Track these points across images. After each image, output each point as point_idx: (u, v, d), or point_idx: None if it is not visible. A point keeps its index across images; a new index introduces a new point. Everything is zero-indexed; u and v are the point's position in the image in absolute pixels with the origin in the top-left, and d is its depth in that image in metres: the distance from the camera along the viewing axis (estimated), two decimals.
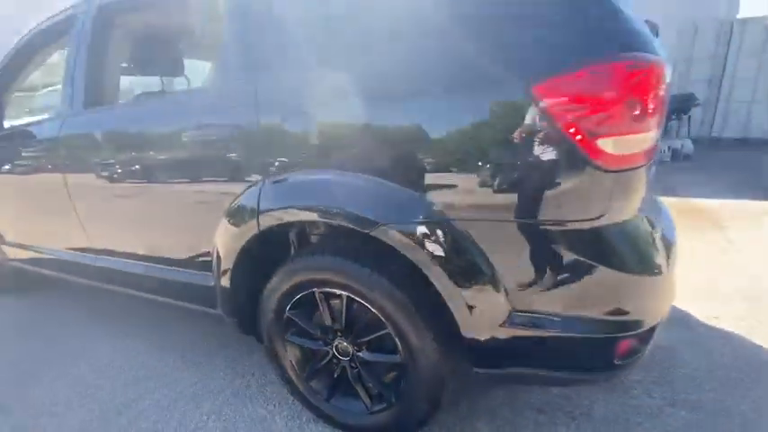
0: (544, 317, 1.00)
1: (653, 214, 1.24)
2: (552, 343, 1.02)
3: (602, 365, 1.05)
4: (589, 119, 0.85)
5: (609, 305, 0.98)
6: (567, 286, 0.97)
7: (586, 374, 1.08)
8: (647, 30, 1.03)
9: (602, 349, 1.02)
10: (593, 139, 0.86)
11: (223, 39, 1.37)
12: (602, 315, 0.98)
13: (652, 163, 1.04)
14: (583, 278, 0.96)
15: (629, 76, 0.84)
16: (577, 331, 0.99)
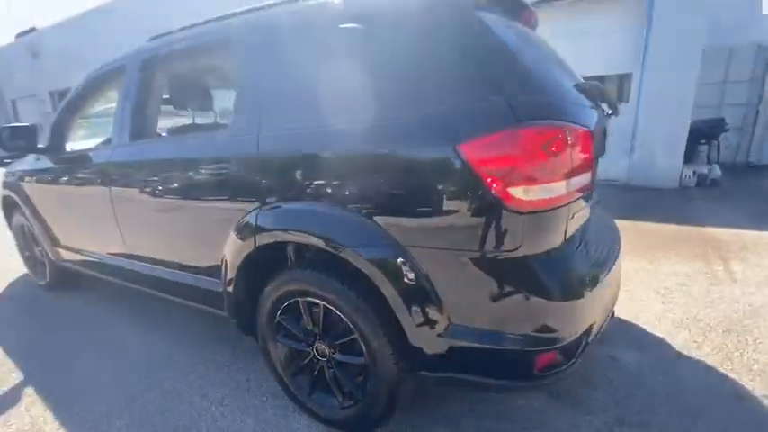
0: (474, 331, 1.21)
1: (591, 240, 1.43)
2: (481, 353, 1.22)
3: (523, 375, 1.23)
4: (501, 172, 1.07)
5: (526, 324, 1.17)
6: (491, 306, 1.17)
7: (510, 382, 1.26)
8: (572, 100, 1.26)
9: (522, 361, 1.20)
10: (506, 187, 1.07)
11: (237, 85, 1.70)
12: (521, 332, 1.17)
13: (587, 198, 1.25)
14: (503, 300, 1.16)
15: (535, 139, 1.06)
16: (500, 344, 1.19)
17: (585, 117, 1.32)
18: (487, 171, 1.08)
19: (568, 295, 1.19)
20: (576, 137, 1.15)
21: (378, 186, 1.28)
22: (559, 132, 1.08)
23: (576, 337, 1.23)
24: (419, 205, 1.21)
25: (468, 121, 1.12)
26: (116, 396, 1.92)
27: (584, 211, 1.38)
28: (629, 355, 2.06)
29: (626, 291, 2.77)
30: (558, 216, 1.16)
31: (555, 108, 1.15)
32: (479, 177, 1.09)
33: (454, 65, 1.19)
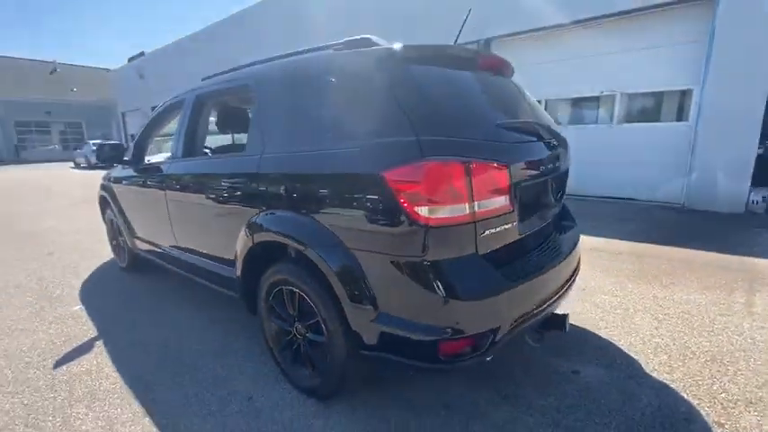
0: (395, 319, 1.50)
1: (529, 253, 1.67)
2: (401, 338, 1.50)
3: (429, 359, 1.48)
4: (410, 194, 1.38)
5: (431, 316, 1.44)
6: (406, 300, 1.47)
7: (422, 364, 1.52)
8: (491, 138, 1.52)
9: (428, 347, 1.46)
10: (413, 206, 1.38)
11: (250, 119, 2.19)
12: (427, 323, 1.45)
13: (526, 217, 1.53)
14: (414, 295, 1.45)
15: (434, 170, 1.36)
16: (412, 332, 1.47)
17: (508, 152, 1.57)
18: (401, 193, 1.40)
19: (467, 296, 1.44)
20: (480, 169, 1.41)
21: (331, 199, 1.65)
22: (455, 166, 1.37)
23: (479, 333, 1.46)
24: (358, 216, 1.55)
25: (390, 154, 1.45)
26: (162, 356, 2.49)
27: (508, 228, 1.60)
28: (594, 371, 2.15)
29: (621, 313, 2.80)
30: (462, 231, 1.43)
31: (460, 146, 1.43)
32: (396, 198, 1.41)
33: (383, 109, 1.53)
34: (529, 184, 1.73)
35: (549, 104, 8.07)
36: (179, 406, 1.98)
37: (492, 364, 2.17)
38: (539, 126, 1.85)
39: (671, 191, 6.77)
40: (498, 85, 2.02)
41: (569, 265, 2.00)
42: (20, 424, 1.88)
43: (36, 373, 2.32)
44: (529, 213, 1.79)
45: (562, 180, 2.17)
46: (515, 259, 1.70)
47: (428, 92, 1.57)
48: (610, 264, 3.82)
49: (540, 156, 1.78)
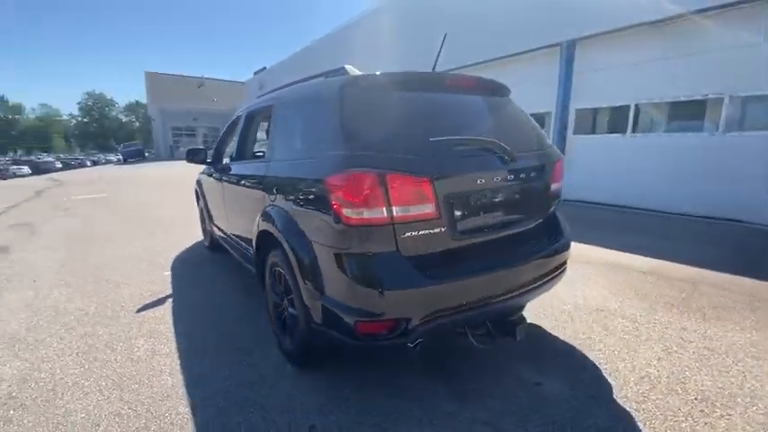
0: (332, 300, 1.83)
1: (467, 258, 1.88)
2: (336, 316, 1.82)
3: (351, 336, 1.76)
4: (338, 198, 1.70)
5: (351, 300, 1.73)
6: (338, 283, 1.78)
7: (349, 340, 1.79)
8: (417, 153, 1.76)
9: (350, 326, 1.74)
10: (340, 208, 1.70)
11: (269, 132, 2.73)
12: (348, 304, 1.74)
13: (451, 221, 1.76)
14: (342, 280, 1.75)
15: (353, 180, 1.65)
16: (340, 311, 1.77)
17: (435, 165, 1.77)
18: (333, 196, 1.73)
19: (380, 286, 1.68)
20: (396, 179, 1.66)
21: (300, 198, 2.05)
22: (370, 176, 1.63)
23: (391, 319, 1.70)
24: (314, 213, 1.92)
25: (331, 165, 1.78)
26: (206, 316, 3.20)
27: (435, 233, 1.79)
28: (557, 386, 2.14)
29: (628, 339, 2.63)
30: (381, 231, 1.69)
31: (385, 159, 1.69)
32: (331, 200, 1.74)
33: (332, 128, 1.87)
34: (466, 196, 1.89)
35: (642, 109, 7.23)
36: (202, 349, 2.60)
37: (461, 361, 2.35)
38: (489, 142, 1.97)
39: (745, 206, 5.67)
40: (459, 104, 2.19)
41: (520, 275, 2.05)
42: (102, 345, 2.71)
43: (124, 313, 3.22)
44: (468, 222, 1.94)
45: (530, 194, 2.20)
46: (446, 262, 1.87)
47: (364, 113, 1.86)
48: (651, 289, 3.47)
49: (483, 170, 1.91)
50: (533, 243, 2.23)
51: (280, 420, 1.92)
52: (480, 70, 10.11)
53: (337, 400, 2.07)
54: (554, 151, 2.41)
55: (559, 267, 2.36)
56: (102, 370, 2.40)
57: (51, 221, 7.67)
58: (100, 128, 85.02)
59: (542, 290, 2.30)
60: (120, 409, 2.03)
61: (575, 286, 3.55)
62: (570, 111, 8.09)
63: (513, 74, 9.29)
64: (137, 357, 2.54)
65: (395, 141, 1.82)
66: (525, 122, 2.45)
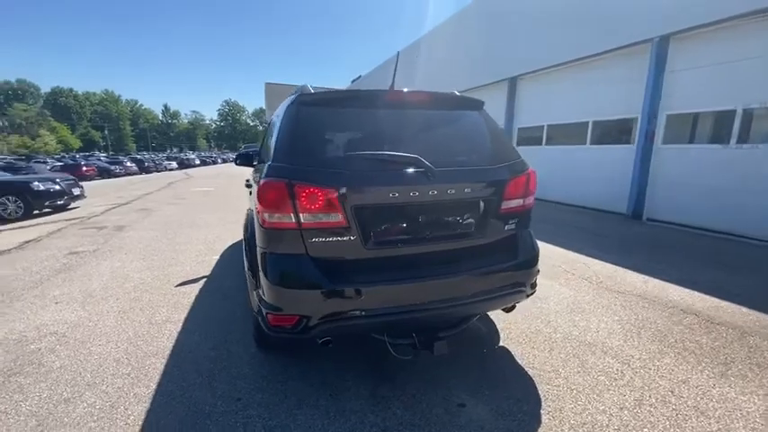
0: (259, 291, 2.08)
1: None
2: (260, 307, 2.07)
3: (267, 327, 1.97)
4: (257, 202, 1.95)
5: (266, 293, 1.94)
6: (262, 278, 2.02)
7: (266, 330, 2.00)
8: (332, 166, 1.91)
9: (265, 317, 1.96)
10: (260, 212, 1.95)
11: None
12: (264, 298, 1.96)
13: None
14: (263, 276, 1.99)
15: (263, 188, 1.88)
16: (261, 303, 2.01)
17: (345, 178, 1.88)
18: (256, 202, 1.99)
19: (283, 284, 1.87)
20: (303, 189, 1.83)
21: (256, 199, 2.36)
22: (279, 185, 1.83)
23: (291, 314, 1.87)
24: (255, 217, 2.21)
25: (263, 174, 2.03)
26: (228, 298, 3.77)
27: (345, 240, 1.91)
28: (480, 412, 2.06)
29: (599, 379, 2.36)
30: (290, 234, 1.88)
31: (296, 171, 1.87)
32: (256, 205, 2.01)
33: (273, 141, 2.12)
34: (379, 209, 1.96)
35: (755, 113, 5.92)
36: (204, 323, 3.11)
37: (401, 368, 2.40)
38: (407, 157, 1.99)
39: None
40: (397, 119, 2.23)
41: (441, 290, 2.02)
42: (138, 308, 3.43)
43: (167, 286, 3.98)
44: (384, 234, 2.00)
45: (467, 210, 2.15)
46: (361, 269, 1.96)
47: (299, 129, 2.04)
48: (679, 331, 2.93)
49: (397, 184, 1.94)
50: (469, 260, 2.16)
51: (219, 387, 2.26)
52: (559, 72, 9.34)
53: (272, 383, 2.32)
54: (514, 166, 2.28)
55: (506, 288, 2.22)
56: (127, 326, 3.07)
57: (164, 208, 9.53)
58: (233, 131, 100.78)
59: (480, 308, 2.21)
60: (121, 358, 2.61)
61: (583, 315, 3.20)
62: (659, 116, 6.96)
63: (596, 75, 8.37)
64: (154, 321, 3.16)
65: (317, 155, 2.00)
66: (482, 136, 2.37)
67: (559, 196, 9.45)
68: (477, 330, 2.95)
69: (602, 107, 8.21)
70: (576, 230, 6.46)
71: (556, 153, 9.64)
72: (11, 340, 2.86)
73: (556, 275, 4.21)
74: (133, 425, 1.98)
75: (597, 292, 3.71)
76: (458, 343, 2.72)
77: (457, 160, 2.13)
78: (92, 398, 2.20)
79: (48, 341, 2.85)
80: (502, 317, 3.15)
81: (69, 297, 3.70)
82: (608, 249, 5.18)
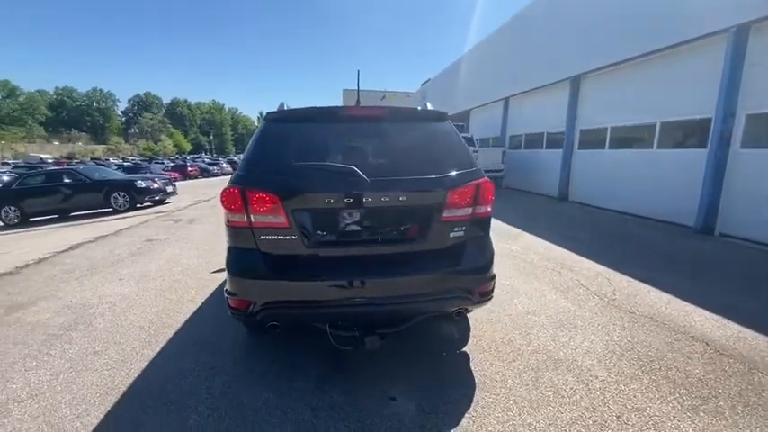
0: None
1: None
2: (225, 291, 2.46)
3: (228, 308, 2.33)
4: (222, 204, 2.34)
5: (228, 279, 2.32)
6: None
7: (228, 311, 2.37)
8: (284, 173, 2.22)
9: (227, 301, 2.34)
10: (225, 213, 2.34)
11: None
12: (227, 282, 2.34)
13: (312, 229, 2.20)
14: None
15: (224, 194, 2.25)
16: (226, 290, 2.39)
17: (287, 185, 2.17)
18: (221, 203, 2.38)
19: (233, 272, 2.22)
20: (252, 194, 2.16)
21: None
22: (234, 190, 2.18)
23: (241, 299, 2.21)
24: None
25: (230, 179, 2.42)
26: None
27: (288, 239, 2.20)
28: (408, 408, 2.18)
29: (552, 397, 2.32)
30: (244, 232, 2.23)
31: (250, 179, 2.21)
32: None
33: (245, 151, 2.49)
34: (316, 212, 2.21)
35: None
36: (219, 305, 3.66)
37: (358, 361, 2.63)
38: (343, 167, 2.20)
39: None
40: (349, 132, 2.45)
41: (375, 290, 2.18)
42: (175, 288, 4.13)
43: (205, 272, 4.67)
44: (321, 235, 2.24)
45: (406, 216, 2.28)
46: (301, 265, 2.24)
47: (264, 142, 2.37)
48: (671, 360, 2.65)
49: (332, 191, 2.16)
50: (408, 263, 2.28)
51: (202, 356, 2.71)
52: (624, 69, 8.53)
53: (245, 358, 2.71)
54: (461, 177, 2.34)
55: (447, 293, 2.30)
56: (160, 302, 3.75)
57: None
58: None
59: (418, 309, 2.33)
60: (144, 325, 3.24)
61: (569, 332, 3.05)
62: (737, 116, 5.99)
63: (665, 71, 7.47)
64: (181, 300, 3.80)
65: (272, 165, 2.31)
66: (434, 148, 2.47)
67: (621, 205, 8.57)
68: (446, 334, 3.02)
69: (671, 106, 7.29)
70: (621, 242, 5.89)
71: (619, 157, 8.77)
72: (78, 304, 3.71)
73: (567, 289, 3.99)
74: (132, 375, 2.51)
75: (602, 310, 3.46)
76: (421, 342, 2.84)
77: (397, 170, 2.29)
78: (113, 353, 2.81)
79: (102, 308, 3.63)
80: (479, 326, 3.16)
81: (130, 275, 4.58)
82: (649, 266, 4.68)
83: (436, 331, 3.06)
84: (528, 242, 6.01)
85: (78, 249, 6.01)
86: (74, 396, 2.33)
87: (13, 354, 2.85)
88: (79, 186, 10.48)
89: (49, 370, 2.62)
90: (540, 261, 4.99)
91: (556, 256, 5.21)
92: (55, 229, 8.53)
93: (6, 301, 3.89)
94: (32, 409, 2.22)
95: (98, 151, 61.50)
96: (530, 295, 3.82)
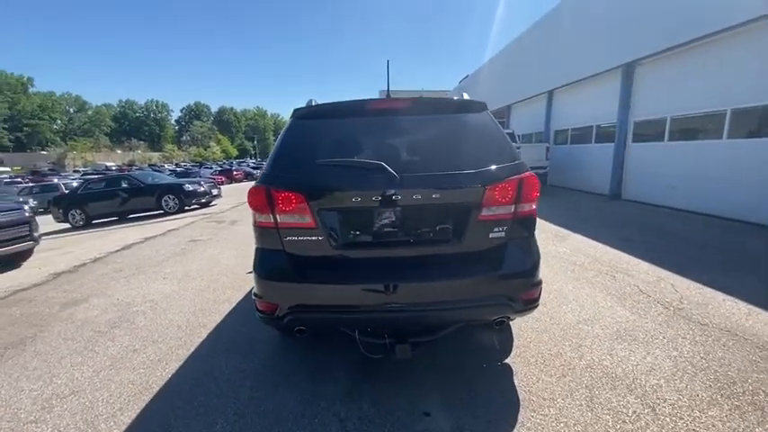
0: None
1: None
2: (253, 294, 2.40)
3: (257, 310, 2.25)
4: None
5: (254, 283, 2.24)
6: None
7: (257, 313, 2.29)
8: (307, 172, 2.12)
9: (255, 304, 2.26)
10: (253, 213, 2.27)
11: None
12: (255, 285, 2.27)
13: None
14: None
15: (253, 191, 2.17)
16: (253, 292, 2.33)
17: (312, 185, 2.06)
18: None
19: (260, 274, 2.13)
20: (277, 193, 2.07)
21: None
22: (261, 189, 2.09)
23: (268, 302, 2.12)
24: None
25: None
26: None
27: (314, 240, 2.09)
28: (442, 425, 2.00)
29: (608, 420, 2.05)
30: (271, 232, 2.14)
31: (275, 178, 2.12)
32: None
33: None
34: (344, 212, 2.07)
35: None
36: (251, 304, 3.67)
37: (390, 369, 2.49)
38: (371, 163, 2.04)
39: None
40: (376, 126, 2.28)
41: (408, 294, 2.01)
42: (212, 287, 4.20)
43: (242, 272, 4.73)
44: (349, 235, 2.11)
45: (440, 215, 2.09)
46: (327, 267, 2.12)
47: (290, 140, 2.28)
48: (759, 382, 2.24)
49: (359, 189, 2.01)
50: (442, 266, 2.09)
51: (233, 358, 2.68)
52: (686, 52, 7.73)
53: (274, 361, 2.65)
54: (500, 171, 2.11)
55: (486, 300, 2.08)
56: (198, 301, 3.82)
57: None
58: None
59: (452, 317, 2.13)
60: (182, 324, 3.30)
61: (630, 345, 2.70)
62: None
63: (737, 52, 6.65)
64: (217, 300, 3.85)
65: (298, 163, 2.21)
66: (469, 140, 2.25)
67: (684, 202, 7.75)
68: (486, 343, 2.78)
69: (744, 91, 6.46)
70: (685, 244, 5.27)
71: (681, 150, 7.93)
72: (123, 302, 3.87)
73: (624, 296, 3.58)
74: (166, 376, 2.53)
75: (668, 321, 3.05)
76: (458, 352, 2.64)
77: (431, 166, 2.10)
78: (150, 351, 2.86)
79: (145, 306, 3.76)
80: (524, 335, 2.88)
81: (173, 275, 4.74)
82: (721, 271, 4.12)
83: (475, 340, 2.83)
84: (577, 243, 5.56)
85: (129, 249, 6.38)
86: (111, 394, 2.37)
87: (63, 349, 2.99)
88: (134, 190, 11.22)
89: (92, 367, 2.70)
90: (592, 264, 4.56)
91: (609, 258, 4.75)
92: (113, 230, 9.17)
93: (63, 298, 4.14)
94: (72, 406, 2.28)
95: (154, 158, 66.31)
96: (581, 302, 3.47)
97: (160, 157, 68.47)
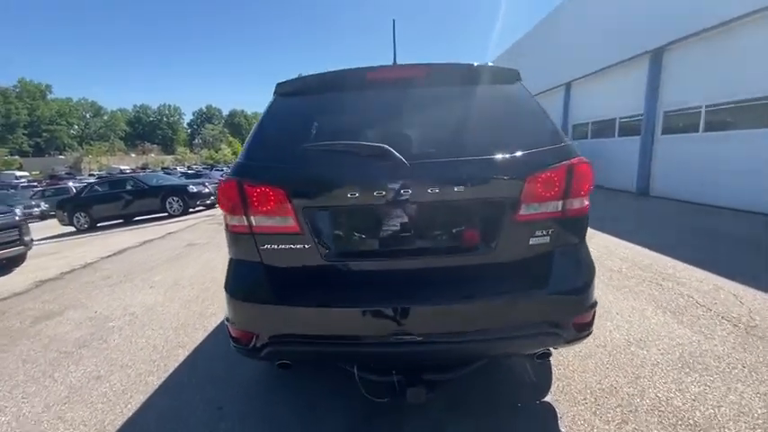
0: None
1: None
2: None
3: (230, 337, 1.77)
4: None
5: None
6: None
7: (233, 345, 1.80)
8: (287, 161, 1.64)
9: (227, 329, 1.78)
10: (223, 214, 1.80)
11: None
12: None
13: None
14: None
15: (222, 186, 1.67)
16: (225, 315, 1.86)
17: (297, 176, 1.57)
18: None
19: (232, 294, 1.64)
20: (252, 189, 1.58)
21: None
22: (231, 184, 1.60)
23: (242, 330, 1.64)
24: None
25: None
26: None
27: (299, 248, 1.59)
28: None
29: None
30: (245, 239, 1.65)
31: (245, 168, 1.64)
32: None
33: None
34: (337, 211, 1.58)
35: None
36: None
37: (399, 406, 2.00)
38: (372, 147, 1.53)
39: None
40: (384, 101, 1.78)
41: (426, 320, 1.51)
42: (202, 297, 3.76)
43: None
44: (346, 242, 1.62)
45: (464, 215, 1.59)
46: (318, 284, 1.62)
47: (268, 122, 1.79)
48: None
49: (358, 181, 1.51)
50: (469, 283, 1.58)
51: (209, 391, 2.22)
52: (723, 33, 7.04)
53: (261, 398, 2.17)
54: (543, 155, 1.59)
55: (527, 328, 1.56)
56: (182, 315, 3.37)
57: None
58: None
59: (482, 350, 1.62)
60: (158, 345, 2.85)
61: (701, 376, 2.14)
62: None
63: None
64: (203, 314, 3.40)
65: (279, 149, 1.72)
66: (500, 117, 1.74)
67: (723, 199, 7.04)
68: (518, 372, 2.25)
69: None
70: (737, 246, 4.63)
71: (719, 141, 7.22)
72: (101, 316, 3.45)
73: (678, 309, 3.00)
74: (126, 413, 2.07)
75: (741, 343, 2.48)
76: (485, 386, 2.11)
77: (451, 150, 1.59)
78: (116, 379, 2.42)
79: (122, 321, 3.33)
80: (564, 361, 2.35)
81: (162, 283, 4.32)
82: None
83: (504, 367, 2.31)
84: (607, 244, 4.96)
85: (122, 254, 6.01)
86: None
87: (19, 375, 2.57)
88: (138, 192, 10.96)
89: (45, 399, 2.27)
90: (631, 269, 3.98)
91: (650, 263, 4.15)
92: (114, 233, 8.88)
93: (38, 310, 3.76)
94: None
95: (167, 161, 67.05)
96: (627, 317, 2.91)
97: (173, 159, 69.19)
